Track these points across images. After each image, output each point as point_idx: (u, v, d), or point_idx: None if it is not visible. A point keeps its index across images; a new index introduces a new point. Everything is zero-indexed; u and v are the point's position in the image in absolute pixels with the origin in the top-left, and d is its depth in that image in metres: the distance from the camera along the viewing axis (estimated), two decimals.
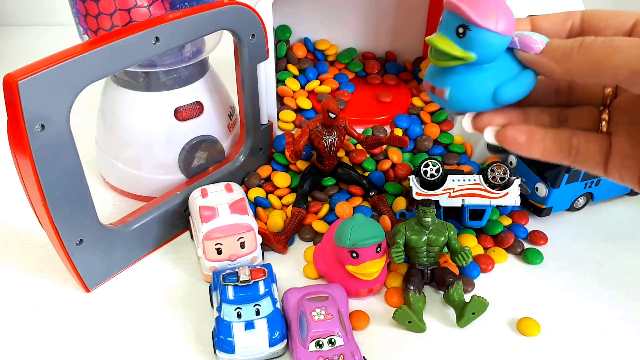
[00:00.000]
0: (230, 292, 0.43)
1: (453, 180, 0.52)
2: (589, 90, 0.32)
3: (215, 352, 0.42)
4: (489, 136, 0.30)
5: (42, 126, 0.38)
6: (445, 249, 0.48)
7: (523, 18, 0.31)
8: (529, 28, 0.30)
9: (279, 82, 0.70)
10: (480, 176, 0.52)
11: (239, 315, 0.42)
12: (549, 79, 0.30)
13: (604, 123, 0.30)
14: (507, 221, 0.55)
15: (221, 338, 0.41)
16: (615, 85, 0.27)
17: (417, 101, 0.69)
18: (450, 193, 0.52)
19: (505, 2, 0.28)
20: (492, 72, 0.29)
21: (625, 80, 0.25)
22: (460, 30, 0.27)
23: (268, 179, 0.60)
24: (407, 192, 0.57)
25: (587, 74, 0.26)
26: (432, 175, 0.52)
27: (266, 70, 0.55)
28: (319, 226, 0.54)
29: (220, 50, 0.56)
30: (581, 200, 0.57)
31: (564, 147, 0.29)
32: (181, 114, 0.54)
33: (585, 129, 0.30)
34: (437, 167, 0.52)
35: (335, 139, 0.54)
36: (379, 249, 0.45)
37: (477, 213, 0.52)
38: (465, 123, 0.31)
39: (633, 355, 0.44)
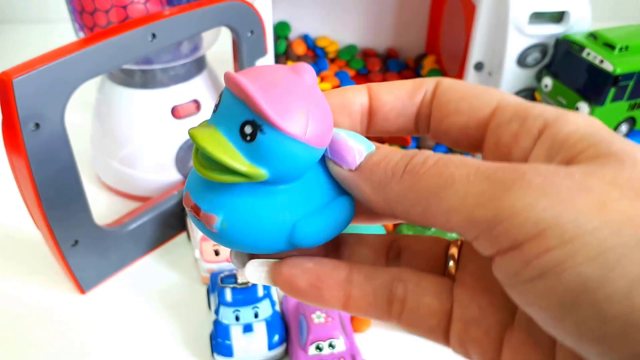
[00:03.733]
0: (229, 295, 0.42)
1: None
2: None
3: (212, 355, 0.41)
4: (253, 274, 0.20)
5: (37, 125, 0.37)
6: None
7: (358, 87, 0.21)
8: (364, 104, 0.21)
9: None
10: None
11: (237, 318, 0.42)
12: (369, 207, 0.19)
13: (451, 263, 0.20)
14: None
15: (219, 341, 0.41)
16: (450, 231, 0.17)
17: None
18: None
19: (321, 96, 0.18)
20: (291, 197, 0.18)
21: (462, 230, 0.16)
22: (248, 130, 0.16)
23: None
24: None
25: (412, 212, 0.17)
26: None
27: None
28: None
29: (218, 47, 0.56)
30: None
31: (381, 298, 0.19)
32: (178, 111, 0.53)
33: (421, 270, 0.20)
34: None
35: None
36: None
37: None
38: (250, 273, 0.20)
39: None
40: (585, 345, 0.14)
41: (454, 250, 0.20)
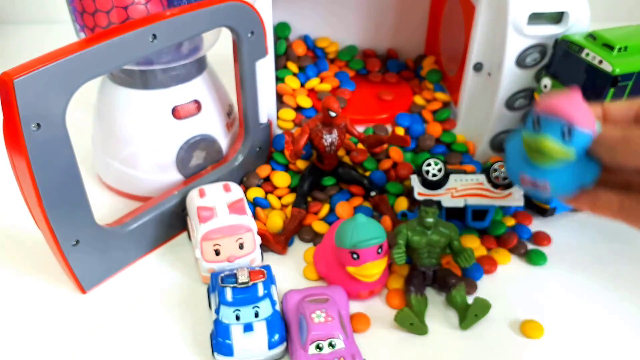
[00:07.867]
0: (229, 294, 0.42)
1: (455, 180, 0.51)
2: None
3: (213, 354, 0.41)
4: None
5: (38, 125, 0.37)
6: (448, 250, 0.48)
7: (595, 104, 0.35)
8: (600, 115, 0.35)
9: (279, 80, 0.69)
10: (484, 176, 0.51)
11: (237, 318, 0.42)
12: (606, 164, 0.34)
13: None
14: (510, 222, 0.54)
15: (219, 341, 0.41)
16: None
17: (418, 99, 0.68)
18: (452, 193, 0.51)
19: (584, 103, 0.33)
20: (579, 165, 0.34)
21: None
22: (566, 133, 0.32)
23: (267, 179, 0.59)
24: (408, 192, 0.57)
25: (630, 164, 0.32)
26: (434, 175, 0.51)
27: (265, 68, 0.55)
28: (319, 227, 0.53)
29: (218, 47, 0.56)
30: None
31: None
32: (179, 112, 0.53)
33: None
34: (439, 166, 0.51)
35: (335, 138, 0.54)
36: (380, 250, 0.44)
37: (480, 213, 0.52)
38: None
39: (637, 358, 0.43)
40: None
41: None
